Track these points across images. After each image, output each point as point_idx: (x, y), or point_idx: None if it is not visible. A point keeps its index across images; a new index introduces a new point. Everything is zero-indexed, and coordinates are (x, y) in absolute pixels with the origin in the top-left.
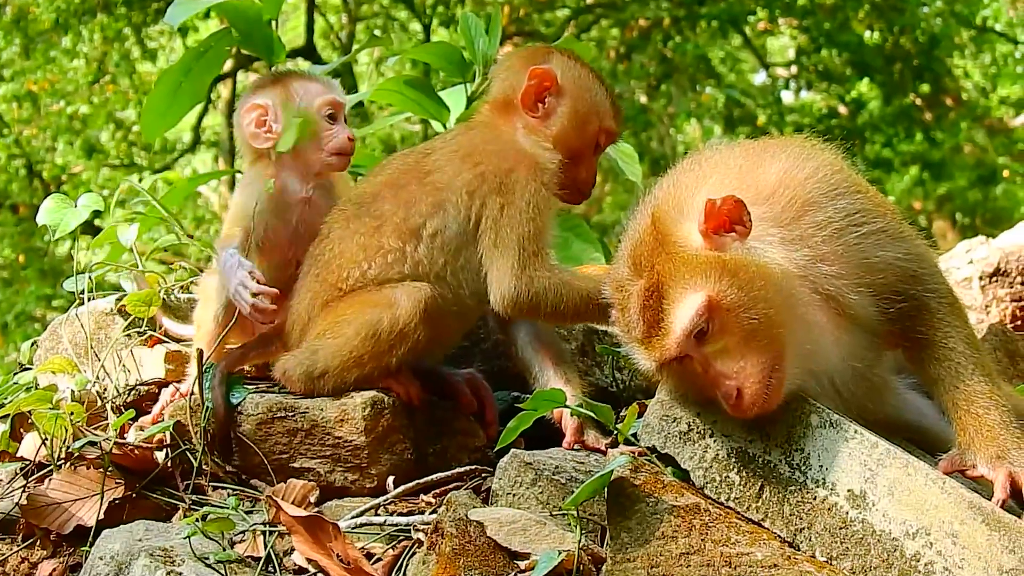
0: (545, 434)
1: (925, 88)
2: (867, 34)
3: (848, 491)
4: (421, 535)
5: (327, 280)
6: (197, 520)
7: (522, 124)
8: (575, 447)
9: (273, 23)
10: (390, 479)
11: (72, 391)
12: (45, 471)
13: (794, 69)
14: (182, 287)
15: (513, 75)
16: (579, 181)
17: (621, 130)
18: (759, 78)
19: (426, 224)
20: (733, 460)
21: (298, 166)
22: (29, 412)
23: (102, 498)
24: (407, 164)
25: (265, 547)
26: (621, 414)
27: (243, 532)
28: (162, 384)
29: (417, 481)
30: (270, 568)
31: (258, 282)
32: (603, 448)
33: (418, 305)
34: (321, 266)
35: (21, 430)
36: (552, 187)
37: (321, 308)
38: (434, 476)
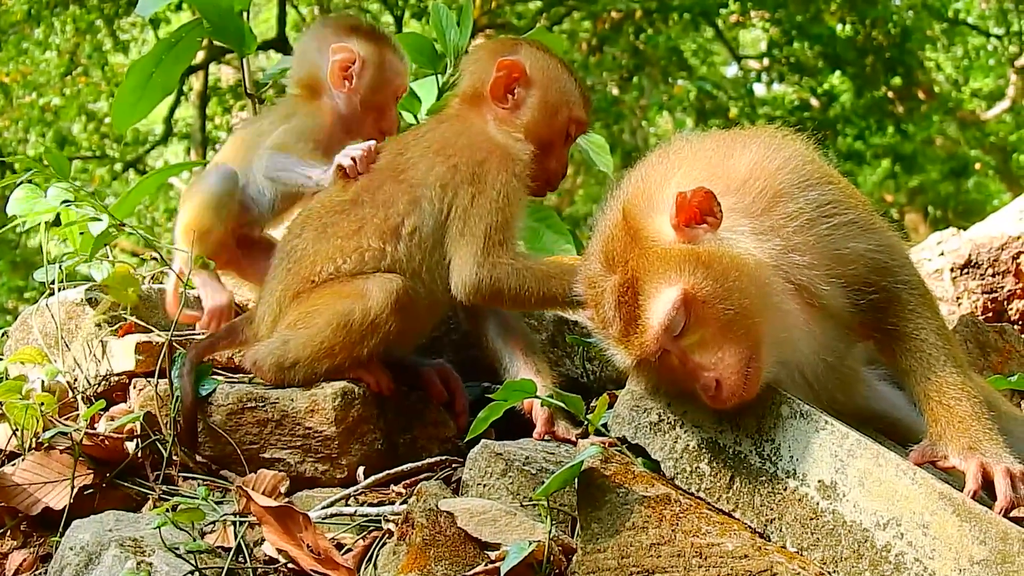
0: (515, 425)
1: (897, 81)
2: (839, 27)
3: (819, 482)
4: (391, 525)
5: (299, 273)
6: (167, 510)
7: (492, 116)
8: (545, 437)
9: (244, 14)
10: (360, 469)
11: (42, 381)
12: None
13: (766, 62)
14: (153, 277)
15: (481, 67)
16: (550, 172)
17: (591, 120)
18: (731, 70)
19: (404, 222)
20: (703, 451)
21: (347, 122)
22: None
23: (72, 483)
24: (381, 164)
25: (235, 537)
26: (592, 404)
27: (213, 523)
28: (132, 374)
29: (387, 472)
30: (241, 558)
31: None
32: (573, 439)
33: (390, 296)
34: (293, 261)
35: None
36: (524, 178)
37: (292, 299)
38: (404, 467)
